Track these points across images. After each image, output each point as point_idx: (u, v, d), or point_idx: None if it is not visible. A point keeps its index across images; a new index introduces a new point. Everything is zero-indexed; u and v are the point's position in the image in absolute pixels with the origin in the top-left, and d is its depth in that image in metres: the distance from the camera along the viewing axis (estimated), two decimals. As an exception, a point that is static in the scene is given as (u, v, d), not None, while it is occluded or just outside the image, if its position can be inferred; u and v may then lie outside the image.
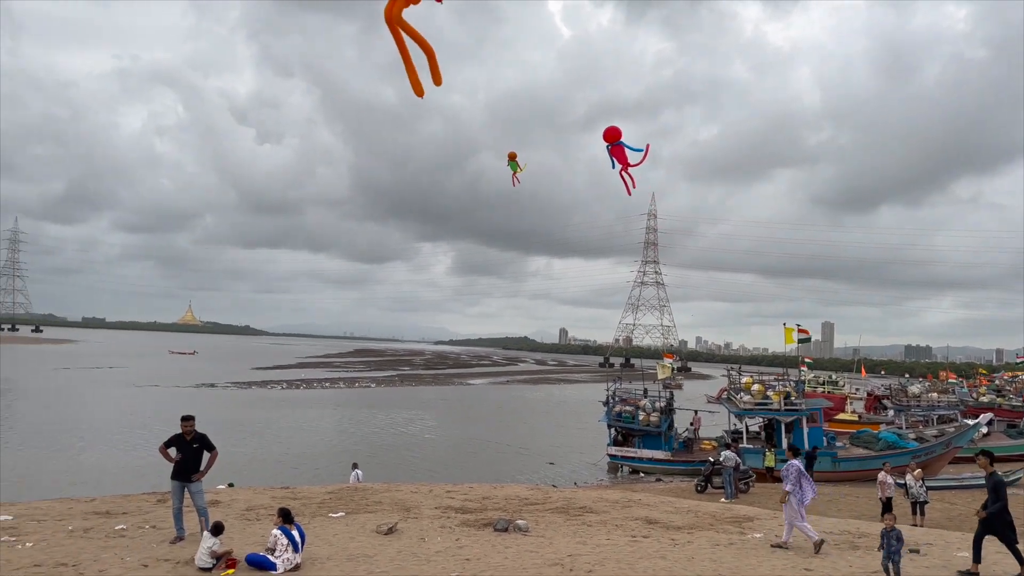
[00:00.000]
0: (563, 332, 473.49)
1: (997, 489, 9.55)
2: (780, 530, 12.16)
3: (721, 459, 22.85)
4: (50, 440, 30.93)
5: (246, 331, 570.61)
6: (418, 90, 4.74)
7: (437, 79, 4.72)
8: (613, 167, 11.04)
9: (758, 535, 12.12)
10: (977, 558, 9.45)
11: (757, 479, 24.13)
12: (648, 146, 10.86)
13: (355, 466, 21.08)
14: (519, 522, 11.98)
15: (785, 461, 11.44)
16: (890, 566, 8.96)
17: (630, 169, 11.11)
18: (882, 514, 11.78)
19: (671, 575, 9.31)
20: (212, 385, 66.47)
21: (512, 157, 14.25)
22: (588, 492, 18.21)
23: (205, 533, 9.39)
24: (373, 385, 77.68)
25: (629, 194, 11.19)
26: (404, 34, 4.58)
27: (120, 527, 11.29)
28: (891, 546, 8.98)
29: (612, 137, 10.90)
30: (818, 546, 10.59)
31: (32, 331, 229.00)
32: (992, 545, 9.85)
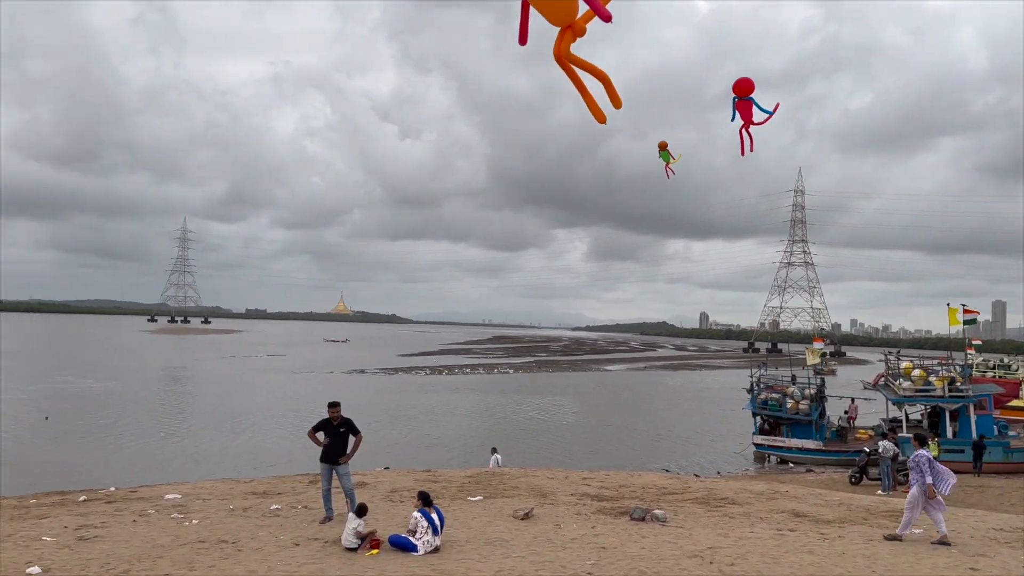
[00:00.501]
0: (704, 316, 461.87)
1: None
2: (942, 525, 11.34)
3: (879, 450, 21.46)
4: (218, 423, 33.58)
5: (392, 319, 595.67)
6: (600, 117, 4.79)
7: (616, 102, 4.76)
8: (732, 120, 10.38)
9: (917, 531, 11.24)
10: None
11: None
12: (777, 106, 10.15)
13: (494, 451, 21.47)
14: (657, 512, 11.73)
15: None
16: None
17: (752, 129, 10.46)
18: None
19: (820, 571, 8.80)
20: (362, 371, 69.83)
21: (663, 147, 13.27)
22: (731, 483, 17.60)
23: (350, 515, 9.82)
24: (511, 371, 78.91)
25: (743, 154, 10.53)
26: (575, 67, 4.64)
27: (275, 507, 12.04)
28: None
29: (743, 90, 10.19)
30: (942, 541, 10.19)
31: (202, 322, 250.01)
32: None
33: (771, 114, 10.14)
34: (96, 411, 35.32)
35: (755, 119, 10.25)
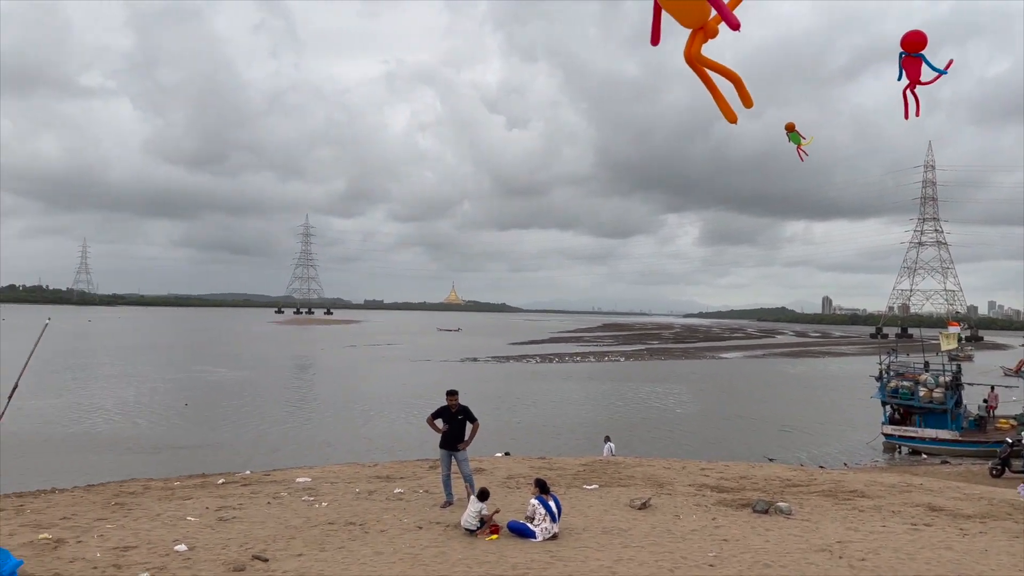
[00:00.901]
0: (826, 301, 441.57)
1: None
2: None
3: (1023, 440, 19.98)
4: (341, 410, 35.06)
5: (502, 308, 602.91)
6: (731, 117, 4.84)
7: (747, 102, 4.77)
8: (899, 79, 9.56)
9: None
10: None
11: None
12: (951, 63, 9.26)
13: (607, 439, 21.37)
14: (780, 504, 11.34)
15: None
16: None
17: (919, 89, 9.63)
18: None
19: (960, 568, 8.26)
20: (474, 359, 71.09)
21: (791, 128, 12.36)
22: (859, 475, 16.79)
23: (472, 498, 10.03)
24: (622, 359, 78.25)
25: (906, 117, 9.72)
26: (706, 68, 4.67)
27: (398, 491, 12.45)
28: None
29: (913, 45, 9.26)
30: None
31: (324, 313, 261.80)
32: None
33: (943, 73, 9.30)
34: (231, 398, 37.63)
35: (923, 78, 9.42)
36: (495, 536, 9.56)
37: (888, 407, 28.72)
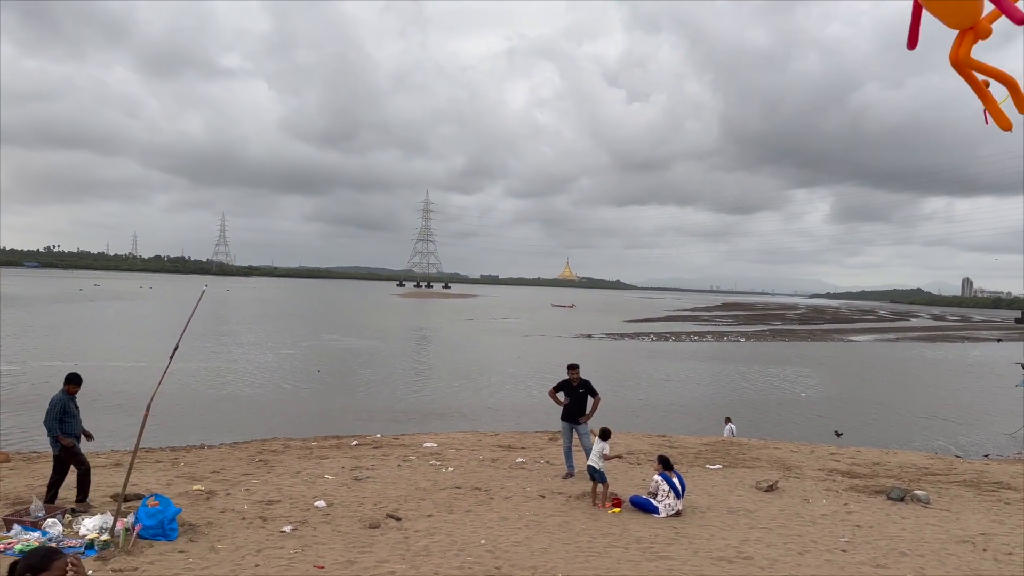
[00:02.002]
0: (967, 283, 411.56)
1: None
2: None
3: None
4: (463, 379, 35.96)
5: (617, 285, 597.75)
6: (1005, 124, 4.45)
7: (1021, 107, 4.33)
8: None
9: None
10: None
11: None
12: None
13: (728, 420, 20.97)
14: (918, 492, 10.85)
15: None
16: None
17: None
18: None
19: None
20: (589, 336, 70.99)
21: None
22: (1004, 466, 15.72)
23: (596, 439, 10.25)
24: (742, 340, 75.98)
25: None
26: (976, 72, 4.31)
27: (520, 460, 12.75)
28: None
29: None
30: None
31: (443, 287, 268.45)
32: None
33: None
34: (360, 366, 39.39)
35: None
36: (618, 509, 9.66)
37: (1039, 398, 26.61)
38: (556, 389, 11.66)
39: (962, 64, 4.15)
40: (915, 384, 43.33)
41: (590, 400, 11.47)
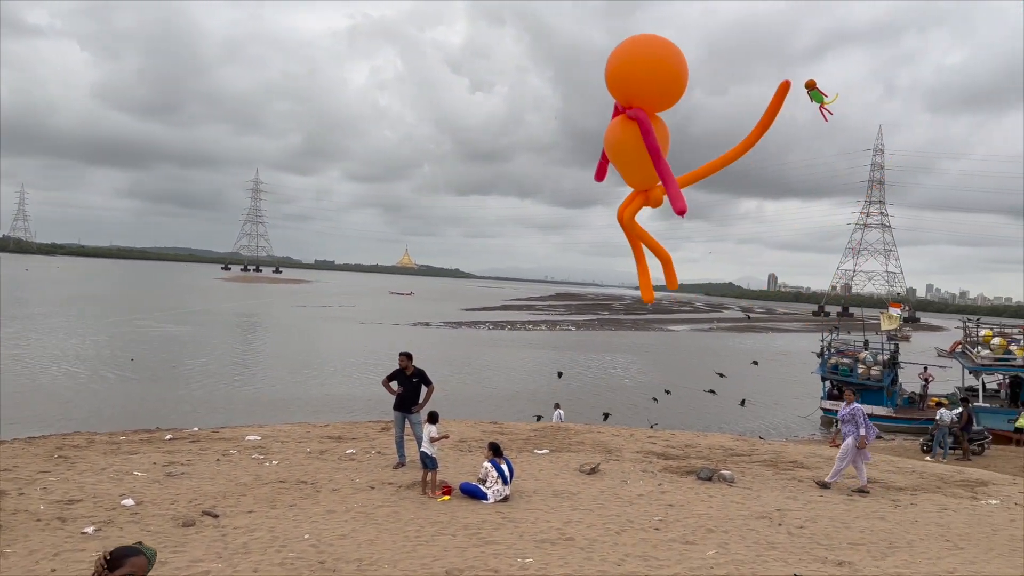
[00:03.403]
0: (772, 278, 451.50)
1: None
2: (1020, 497, 11.36)
3: (936, 417, 21.10)
4: (292, 369, 34.78)
5: (456, 274, 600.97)
6: (648, 297, 4.63)
7: (672, 285, 4.57)
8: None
9: (994, 501, 10.98)
10: None
11: (995, 441, 21.90)
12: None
13: (557, 406, 21.68)
14: (724, 472, 11.72)
15: None
16: None
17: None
18: None
19: (891, 537, 8.69)
20: (427, 324, 70.96)
21: (812, 86, 11.11)
22: (799, 446, 17.39)
23: (425, 424, 10.21)
24: (573, 329, 79.01)
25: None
26: (638, 237, 4.41)
27: (350, 451, 12.47)
28: None
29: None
30: (862, 492, 11.05)
31: (273, 272, 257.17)
32: None
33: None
34: (178, 354, 36.99)
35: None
36: (447, 497, 9.69)
37: (828, 383, 29.67)
38: (390, 378, 11.50)
39: (624, 223, 4.36)
40: (724, 370, 46.98)
41: (424, 389, 11.41)
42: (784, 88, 4.49)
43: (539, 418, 22.60)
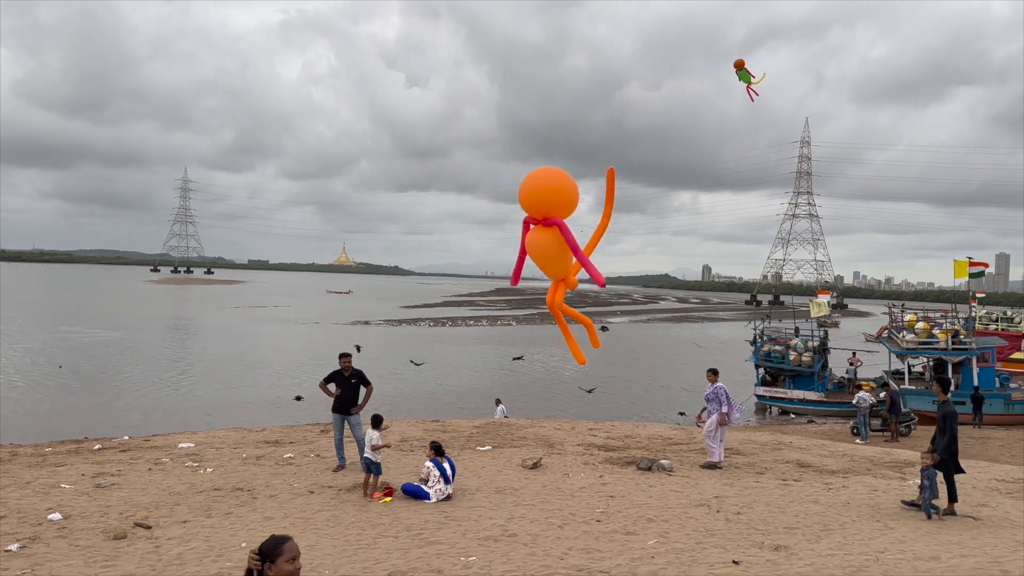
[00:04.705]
0: (706, 269, 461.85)
1: (946, 419, 9.28)
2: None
3: (855, 401, 21.97)
4: (226, 373, 33.92)
5: (395, 271, 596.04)
6: (580, 360, 5.60)
7: (595, 344, 5.70)
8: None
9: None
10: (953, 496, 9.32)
11: (920, 422, 22.87)
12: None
13: (498, 402, 21.72)
14: (663, 462, 11.92)
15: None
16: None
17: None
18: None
19: (825, 520, 8.97)
20: (366, 323, 70.14)
21: (740, 66, 10.95)
22: (735, 433, 17.79)
23: (368, 429, 10.10)
24: (514, 323, 79.20)
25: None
26: (565, 315, 5.45)
27: (288, 456, 12.23)
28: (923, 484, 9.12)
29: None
30: (713, 466, 11.72)
31: (205, 273, 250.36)
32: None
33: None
34: (107, 360, 35.66)
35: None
36: (389, 499, 9.60)
37: (761, 370, 30.47)
38: (327, 380, 11.30)
39: (555, 307, 5.34)
40: (662, 361, 47.83)
41: (363, 390, 11.25)
42: (612, 174, 5.65)
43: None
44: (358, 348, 34.45)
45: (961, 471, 9.42)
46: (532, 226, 5.34)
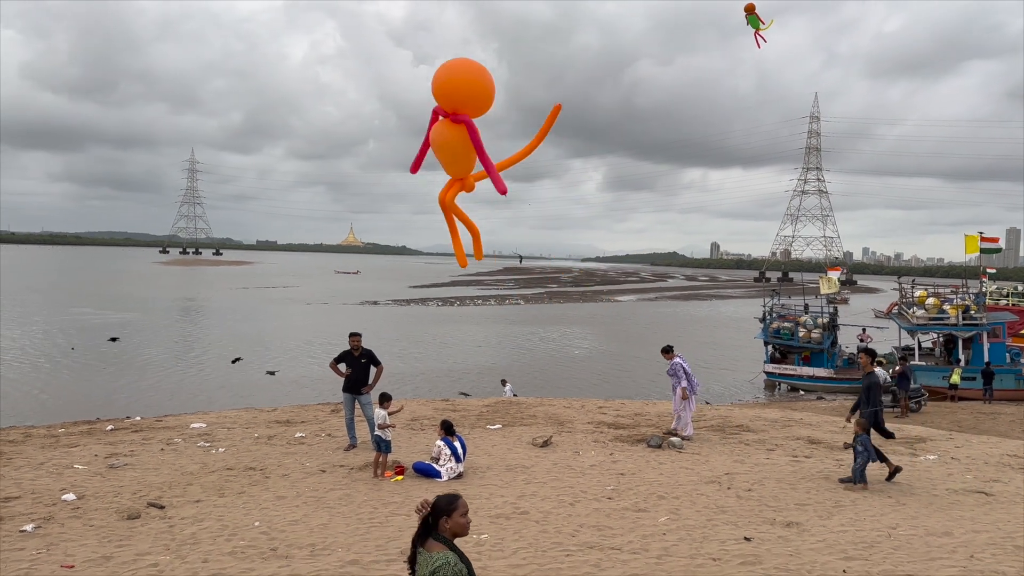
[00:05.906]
0: (715, 246, 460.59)
1: (870, 390, 9.51)
2: (956, 451, 11.75)
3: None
4: (237, 353, 34.04)
5: (403, 251, 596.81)
6: (463, 262, 5.55)
7: (479, 256, 5.60)
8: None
9: (932, 456, 11.42)
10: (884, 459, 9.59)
11: (931, 397, 22.83)
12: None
13: (504, 382, 21.74)
14: (673, 439, 11.92)
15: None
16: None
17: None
18: None
19: (836, 496, 8.96)
20: (375, 303, 70.25)
21: (751, 10, 10.73)
22: (744, 410, 17.79)
23: (376, 408, 10.12)
24: (522, 302, 79.20)
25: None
26: (455, 216, 5.33)
27: (299, 435, 12.29)
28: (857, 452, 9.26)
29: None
30: (679, 440, 11.77)
31: (213, 254, 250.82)
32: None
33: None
34: (118, 342, 35.87)
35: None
36: (400, 477, 9.64)
37: (770, 347, 30.41)
38: (338, 360, 11.31)
39: (446, 205, 5.27)
40: (670, 339, 47.74)
41: (373, 369, 11.27)
42: (558, 110, 5.45)
43: (466, 395, 22.63)
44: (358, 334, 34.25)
45: (891, 436, 9.98)
46: (441, 118, 5.12)
